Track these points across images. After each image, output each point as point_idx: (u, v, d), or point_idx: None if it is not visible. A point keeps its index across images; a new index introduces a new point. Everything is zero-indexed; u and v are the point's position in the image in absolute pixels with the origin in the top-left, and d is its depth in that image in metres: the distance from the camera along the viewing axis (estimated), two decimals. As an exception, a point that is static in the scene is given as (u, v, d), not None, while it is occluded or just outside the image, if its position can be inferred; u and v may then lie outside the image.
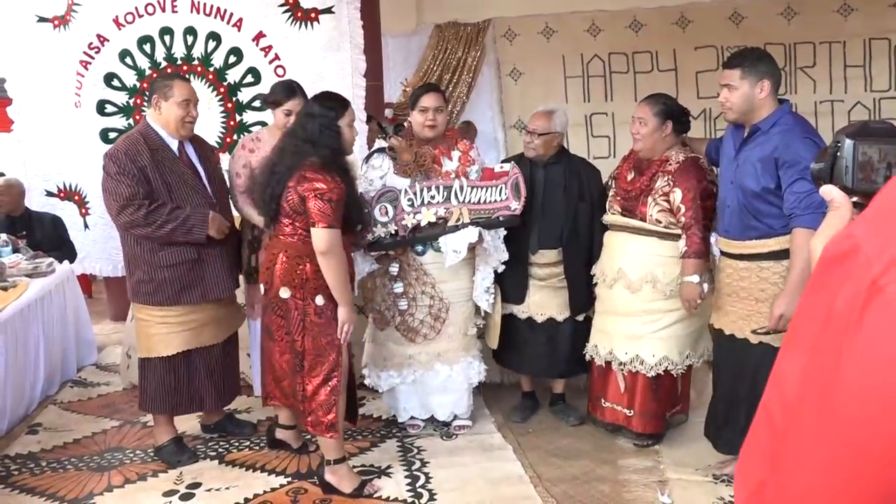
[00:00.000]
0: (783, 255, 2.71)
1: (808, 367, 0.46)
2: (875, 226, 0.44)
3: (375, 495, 3.00)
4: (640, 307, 3.23)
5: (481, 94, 6.51)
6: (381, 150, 3.44)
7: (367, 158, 3.48)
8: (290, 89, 3.44)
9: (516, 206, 3.28)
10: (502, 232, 3.39)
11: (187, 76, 4.39)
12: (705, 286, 3.03)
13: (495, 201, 3.30)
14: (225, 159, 4.09)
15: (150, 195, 3.10)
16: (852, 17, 6.06)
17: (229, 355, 3.50)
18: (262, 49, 4.55)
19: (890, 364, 0.39)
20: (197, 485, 3.14)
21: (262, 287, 3.04)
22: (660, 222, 3.12)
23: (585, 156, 6.19)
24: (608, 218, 3.34)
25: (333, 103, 2.94)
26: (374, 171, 3.38)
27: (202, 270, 3.24)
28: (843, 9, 6.09)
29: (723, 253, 2.96)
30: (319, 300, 2.87)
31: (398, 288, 3.38)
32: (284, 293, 2.89)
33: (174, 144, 3.21)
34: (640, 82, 6.40)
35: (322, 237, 2.77)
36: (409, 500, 2.97)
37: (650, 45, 6.37)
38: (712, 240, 3.17)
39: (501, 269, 3.42)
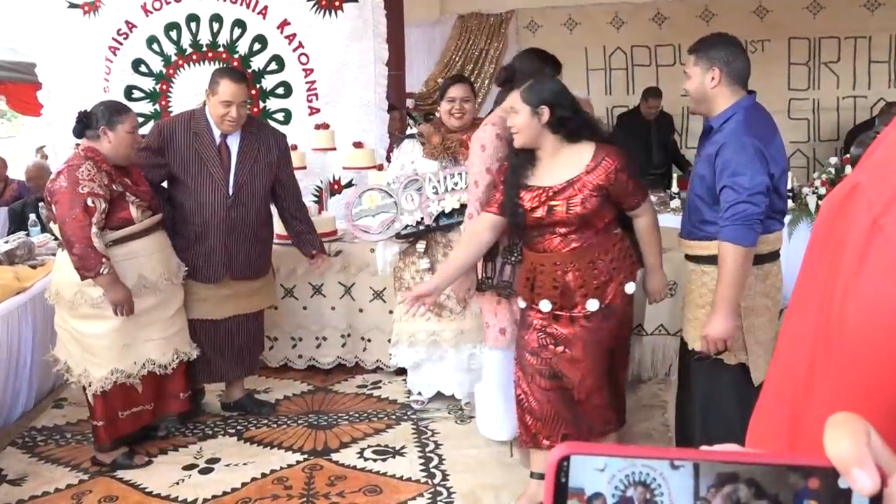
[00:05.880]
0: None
1: (818, 321, 0.45)
2: (875, 167, 0.44)
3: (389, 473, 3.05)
4: None
5: (503, 85, 6.53)
6: (411, 135, 3.58)
7: (399, 144, 3.59)
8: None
9: None
10: None
11: (212, 63, 4.46)
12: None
13: None
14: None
15: (165, 168, 3.34)
16: (879, 12, 6.01)
17: (242, 332, 3.54)
18: (286, 37, 4.60)
19: (888, 300, 0.40)
20: (216, 460, 3.23)
21: None
22: None
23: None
24: None
25: None
26: (405, 156, 3.49)
27: (196, 252, 3.35)
28: (869, 3, 6.04)
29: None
30: None
31: (425, 264, 3.45)
32: None
33: (217, 133, 3.33)
34: (663, 75, 6.40)
35: None
36: (423, 479, 3.03)
37: (673, 38, 6.36)
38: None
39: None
